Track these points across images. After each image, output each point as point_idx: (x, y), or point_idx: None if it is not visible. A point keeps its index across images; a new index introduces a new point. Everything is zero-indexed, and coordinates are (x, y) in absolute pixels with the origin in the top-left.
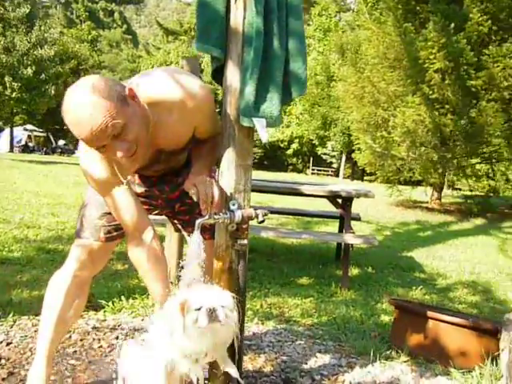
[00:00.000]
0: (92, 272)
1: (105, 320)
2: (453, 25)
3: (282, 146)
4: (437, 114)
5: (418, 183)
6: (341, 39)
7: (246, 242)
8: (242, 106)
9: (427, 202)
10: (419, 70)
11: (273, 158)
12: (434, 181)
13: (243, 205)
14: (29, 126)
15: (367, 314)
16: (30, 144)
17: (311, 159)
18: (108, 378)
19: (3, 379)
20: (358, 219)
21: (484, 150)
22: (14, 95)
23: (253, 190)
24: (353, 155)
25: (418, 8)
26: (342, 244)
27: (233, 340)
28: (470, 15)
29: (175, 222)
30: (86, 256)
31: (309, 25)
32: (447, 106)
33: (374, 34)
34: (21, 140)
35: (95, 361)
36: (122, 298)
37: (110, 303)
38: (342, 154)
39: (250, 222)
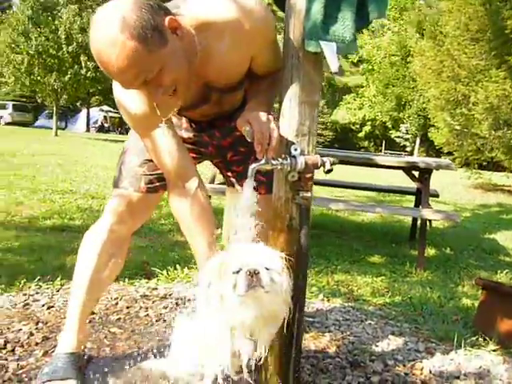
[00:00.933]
0: (131, 228)
1: (156, 289)
2: None
3: (353, 128)
4: None
5: (498, 167)
6: (418, 16)
7: (309, 194)
8: (307, 27)
9: (509, 186)
10: (505, 41)
11: (343, 140)
12: None
13: (307, 150)
14: (105, 107)
15: (446, 297)
16: (106, 124)
17: (384, 142)
18: (150, 349)
19: (37, 344)
20: (436, 196)
21: None
22: (89, 74)
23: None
24: (429, 134)
25: None
26: (418, 222)
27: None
28: None
29: (228, 174)
30: (125, 208)
31: None
32: None
33: (456, 4)
34: (97, 121)
35: (139, 330)
36: (178, 267)
37: (164, 272)
38: (416, 136)
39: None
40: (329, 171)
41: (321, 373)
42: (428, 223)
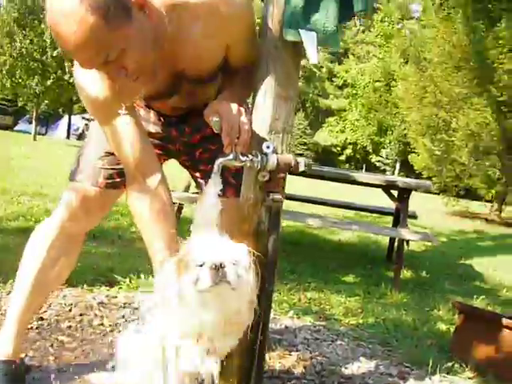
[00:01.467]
0: (84, 227)
1: (115, 297)
2: None
3: (334, 150)
4: (503, 117)
5: (475, 196)
6: (403, 44)
7: (281, 197)
8: (287, 14)
9: (486, 214)
10: (487, 70)
11: (324, 162)
12: (495, 190)
13: (281, 149)
14: (86, 115)
15: (421, 320)
16: (87, 132)
17: (364, 166)
18: (100, 360)
19: None
20: (415, 217)
21: None
22: (71, 80)
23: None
24: (409, 158)
25: (489, 6)
26: (395, 243)
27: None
28: None
29: (195, 174)
30: (79, 204)
31: (370, 31)
32: None
33: (440, 32)
34: (78, 128)
35: (90, 340)
36: (142, 275)
37: (127, 280)
38: (396, 161)
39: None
40: (302, 173)
41: None
42: (405, 244)
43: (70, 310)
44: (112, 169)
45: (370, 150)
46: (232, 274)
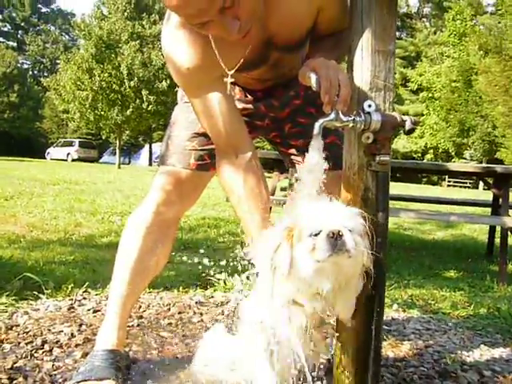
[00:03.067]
0: (179, 211)
1: (212, 297)
2: None
3: (415, 157)
4: None
5: None
6: (481, 37)
7: (388, 158)
8: None
9: None
10: None
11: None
12: None
13: (383, 107)
14: None
15: None
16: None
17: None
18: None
19: (77, 345)
20: None
21: None
22: (150, 108)
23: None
24: (498, 154)
25: None
26: (496, 236)
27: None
28: None
29: (286, 151)
30: (172, 188)
31: (442, 31)
32: None
33: None
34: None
35: (192, 335)
36: (237, 276)
37: (222, 281)
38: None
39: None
40: (410, 131)
41: (404, 383)
42: (510, 232)
43: (169, 310)
44: (202, 150)
45: (453, 153)
46: (350, 242)
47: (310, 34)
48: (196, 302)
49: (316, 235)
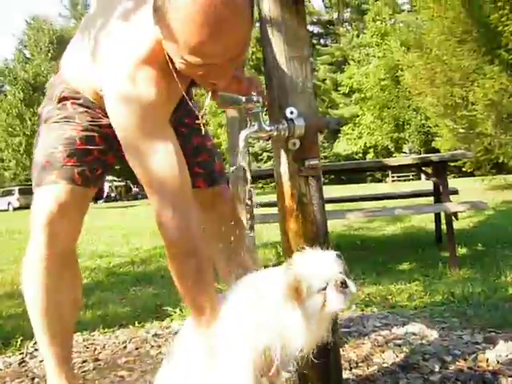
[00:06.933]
0: (71, 235)
1: (169, 327)
2: None
3: (356, 157)
4: None
5: (508, 169)
6: (402, 33)
7: (317, 162)
8: None
9: None
10: (492, 35)
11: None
12: None
13: (306, 112)
14: (109, 177)
15: (491, 289)
16: (112, 194)
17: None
18: None
19: None
20: (456, 192)
21: None
22: None
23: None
24: (433, 144)
25: None
26: (442, 223)
27: None
28: None
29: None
30: (56, 208)
31: (364, 33)
32: None
33: (436, 10)
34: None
35: (151, 369)
36: None
37: (178, 310)
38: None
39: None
40: (336, 132)
41: (369, 383)
42: (454, 218)
43: (125, 347)
44: (82, 165)
45: (392, 149)
46: (352, 286)
47: None
48: (153, 335)
49: (324, 289)
